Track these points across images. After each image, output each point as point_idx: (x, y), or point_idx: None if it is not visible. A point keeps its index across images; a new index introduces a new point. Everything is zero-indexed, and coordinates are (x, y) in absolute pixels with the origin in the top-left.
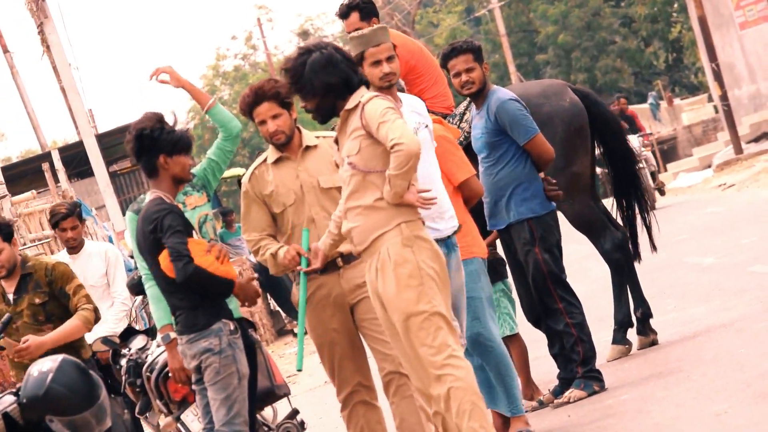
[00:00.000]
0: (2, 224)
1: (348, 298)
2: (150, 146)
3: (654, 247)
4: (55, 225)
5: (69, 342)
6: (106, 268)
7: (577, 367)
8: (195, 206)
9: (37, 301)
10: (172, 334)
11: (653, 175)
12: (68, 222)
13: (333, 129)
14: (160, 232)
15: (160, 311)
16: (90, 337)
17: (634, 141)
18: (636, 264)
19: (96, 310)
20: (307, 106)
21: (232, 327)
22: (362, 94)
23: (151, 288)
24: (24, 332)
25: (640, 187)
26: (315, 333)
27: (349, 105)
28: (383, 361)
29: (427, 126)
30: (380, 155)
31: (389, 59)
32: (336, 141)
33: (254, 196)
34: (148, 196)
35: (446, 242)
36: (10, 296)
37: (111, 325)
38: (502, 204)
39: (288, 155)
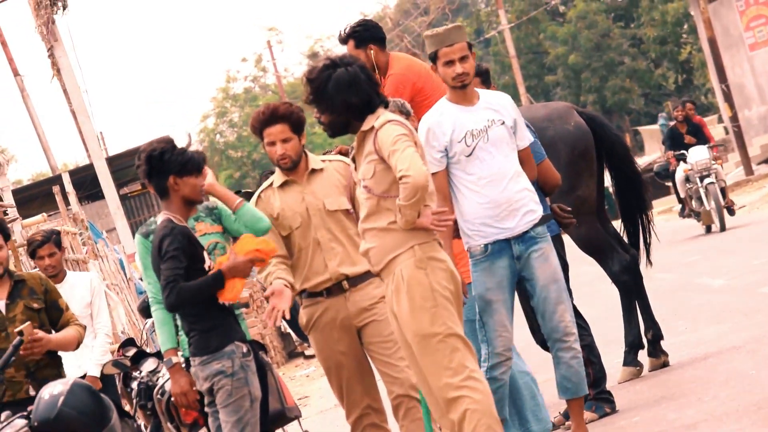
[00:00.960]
0: (1, 222)
1: (354, 321)
2: (159, 167)
3: (649, 261)
4: (32, 254)
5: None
6: (91, 298)
7: (588, 389)
8: (204, 233)
9: (35, 306)
10: (175, 359)
11: (723, 191)
12: (45, 249)
13: (339, 153)
14: (160, 253)
15: (164, 335)
16: (77, 372)
17: (702, 152)
18: (646, 285)
19: (85, 328)
20: (321, 119)
21: (245, 349)
22: (378, 116)
23: (156, 311)
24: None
25: (647, 212)
26: (322, 356)
27: (365, 127)
28: (392, 384)
29: (504, 123)
30: (393, 180)
31: (462, 59)
32: (353, 159)
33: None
34: (160, 218)
35: (523, 237)
36: (2, 302)
37: (98, 357)
38: None
39: (294, 179)
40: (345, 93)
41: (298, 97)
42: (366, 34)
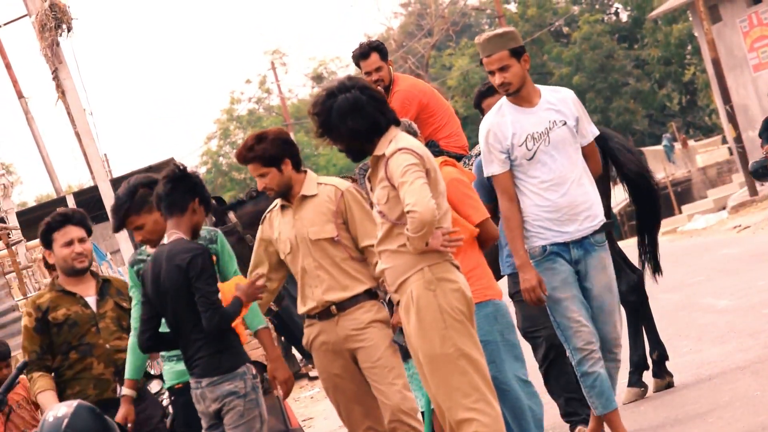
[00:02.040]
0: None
1: (344, 345)
2: (190, 185)
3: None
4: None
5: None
6: None
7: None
8: None
9: (124, 305)
10: (126, 390)
11: None
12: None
13: (342, 177)
14: (192, 272)
15: (129, 363)
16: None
17: None
18: (651, 305)
19: None
20: (339, 148)
21: (254, 371)
22: (390, 138)
23: (131, 338)
24: (105, 337)
25: (655, 230)
26: (322, 377)
27: (377, 152)
28: (384, 410)
29: (565, 123)
30: None
31: (501, 69)
32: (369, 180)
33: (265, 237)
34: (169, 237)
35: (582, 243)
36: (90, 299)
37: None
38: None
39: (290, 204)
40: (349, 120)
41: (301, 118)
42: (386, 49)
